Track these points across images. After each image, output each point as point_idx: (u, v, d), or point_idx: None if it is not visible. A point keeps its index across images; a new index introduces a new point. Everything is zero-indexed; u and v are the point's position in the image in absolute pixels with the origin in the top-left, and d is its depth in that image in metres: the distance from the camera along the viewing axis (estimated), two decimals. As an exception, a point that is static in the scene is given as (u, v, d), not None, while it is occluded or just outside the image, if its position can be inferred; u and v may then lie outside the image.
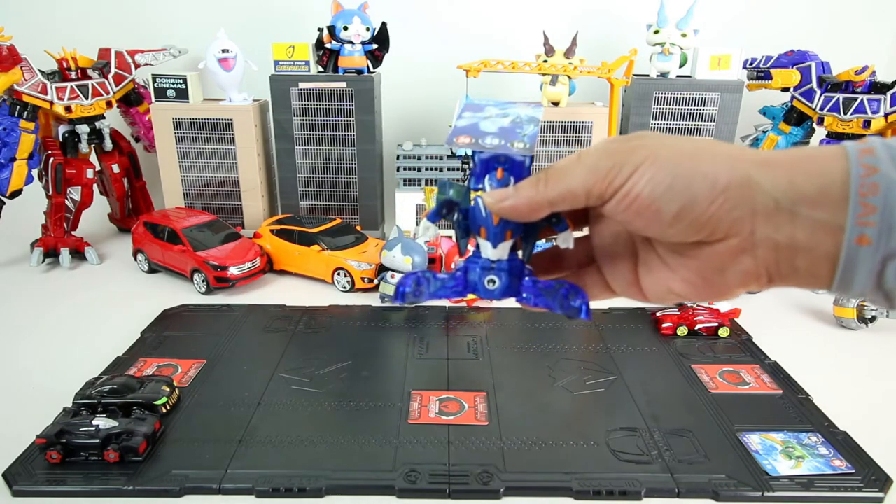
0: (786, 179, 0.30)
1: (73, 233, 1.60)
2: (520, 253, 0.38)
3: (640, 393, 0.99)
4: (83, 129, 1.57)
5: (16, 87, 1.45)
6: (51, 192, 1.55)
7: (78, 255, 1.56)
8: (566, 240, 0.38)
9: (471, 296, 0.39)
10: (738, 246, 0.32)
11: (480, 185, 0.37)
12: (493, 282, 0.38)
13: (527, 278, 0.38)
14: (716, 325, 1.18)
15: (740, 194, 0.31)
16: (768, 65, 1.56)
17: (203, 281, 1.36)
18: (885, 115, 1.39)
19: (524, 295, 0.38)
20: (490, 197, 0.35)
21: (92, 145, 1.62)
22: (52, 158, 1.53)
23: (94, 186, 1.63)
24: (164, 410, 0.92)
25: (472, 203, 0.38)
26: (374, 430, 0.90)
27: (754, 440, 0.88)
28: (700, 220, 0.31)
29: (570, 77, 1.56)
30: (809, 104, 1.49)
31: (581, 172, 0.33)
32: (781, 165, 0.31)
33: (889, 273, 0.29)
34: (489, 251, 0.38)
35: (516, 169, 0.36)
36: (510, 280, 0.38)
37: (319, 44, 1.57)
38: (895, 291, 0.29)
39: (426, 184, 1.63)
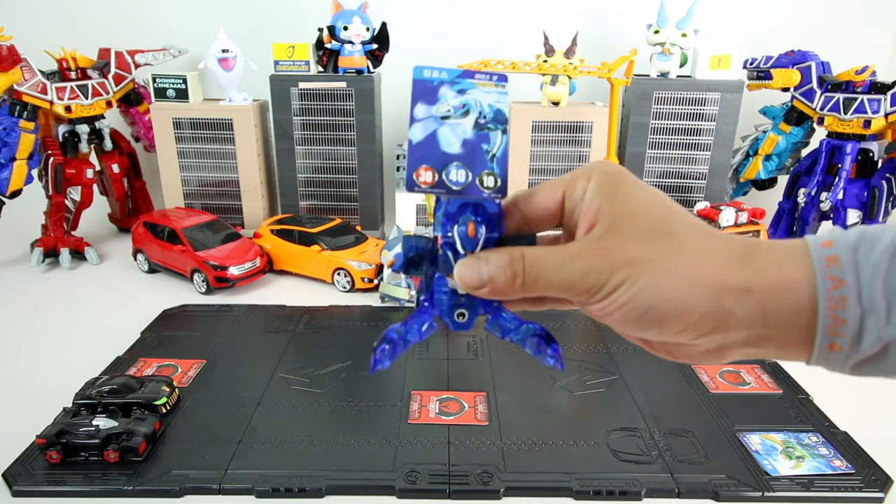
0: (760, 308, 0.31)
1: (73, 233, 1.60)
2: None
3: (640, 393, 0.99)
4: (83, 129, 1.57)
5: (16, 87, 1.45)
6: (51, 192, 1.55)
7: (78, 255, 1.56)
8: None
9: None
10: (707, 349, 0.33)
11: (449, 234, 0.35)
12: (463, 315, 0.37)
13: (495, 304, 0.37)
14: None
15: (713, 324, 0.32)
16: (768, 65, 1.56)
17: (203, 281, 1.36)
18: (886, 115, 1.39)
19: (495, 325, 0.37)
20: (461, 280, 0.35)
21: (92, 145, 1.62)
22: (52, 158, 1.53)
23: (94, 186, 1.63)
24: (164, 410, 0.92)
25: (441, 252, 0.35)
26: (374, 430, 0.90)
27: (754, 440, 0.88)
28: (670, 339, 0.33)
29: (570, 77, 1.56)
30: (810, 104, 1.49)
31: (561, 280, 0.33)
32: (757, 293, 0.31)
33: (862, 370, 0.31)
34: (459, 288, 0.36)
35: (487, 218, 0.34)
36: (478, 309, 0.37)
37: (319, 44, 1.57)
38: (871, 375, 0.32)
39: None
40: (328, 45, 1.56)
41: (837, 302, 0.30)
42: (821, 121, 1.49)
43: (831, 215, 1.50)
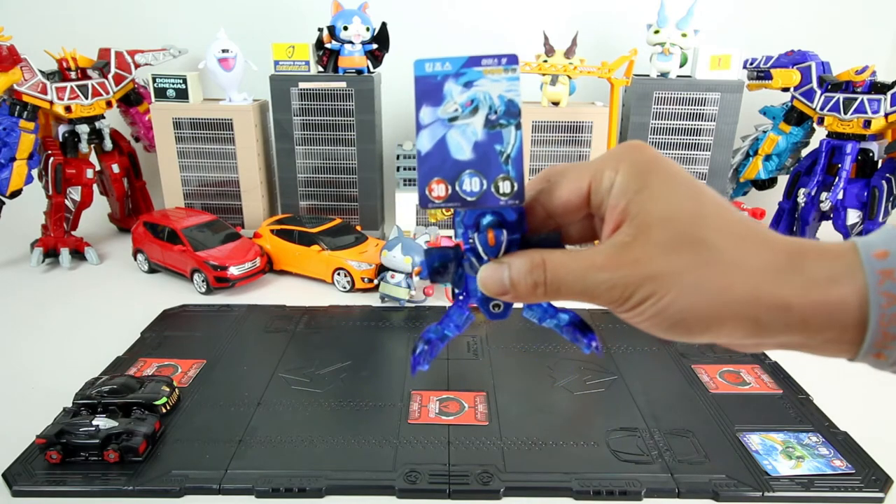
0: (801, 323, 0.29)
1: (73, 233, 1.60)
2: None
3: (640, 393, 0.99)
4: (83, 129, 1.57)
5: (16, 87, 1.45)
6: (51, 192, 1.55)
7: (78, 255, 1.56)
8: None
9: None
10: (740, 344, 0.32)
11: (471, 240, 0.34)
12: (499, 306, 0.36)
13: None
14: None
15: (745, 333, 0.30)
16: (768, 65, 1.56)
17: (203, 281, 1.36)
18: (886, 115, 1.39)
19: (532, 312, 0.37)
20: (484, 287, 0.34)
21: (92, 145, 1.62)
22: (52, 158, 1.53)
23: (94, 186, 1.63)
24: (164, 410, 0.92)
25: (465, 257, 0.35)
26: (374, 430, 0.90)
27: (754, 440, 0.88)
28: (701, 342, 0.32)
29: (570, 77, 1.56)
30: (810, 104, 1.49)
31: (584, 290, 0.32)
32: (799, 309, 0.29)
33: None
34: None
35: (507, 222, 0.33)
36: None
37: (319, 44, 1.57)
38: None
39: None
40: (328, 45, 1.55)
41: (890, 319, 0.28)
42: (821, 121, 1.49)
43: (831, 215, 1.50)
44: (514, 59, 0.31)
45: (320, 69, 1.59)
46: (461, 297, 0.36)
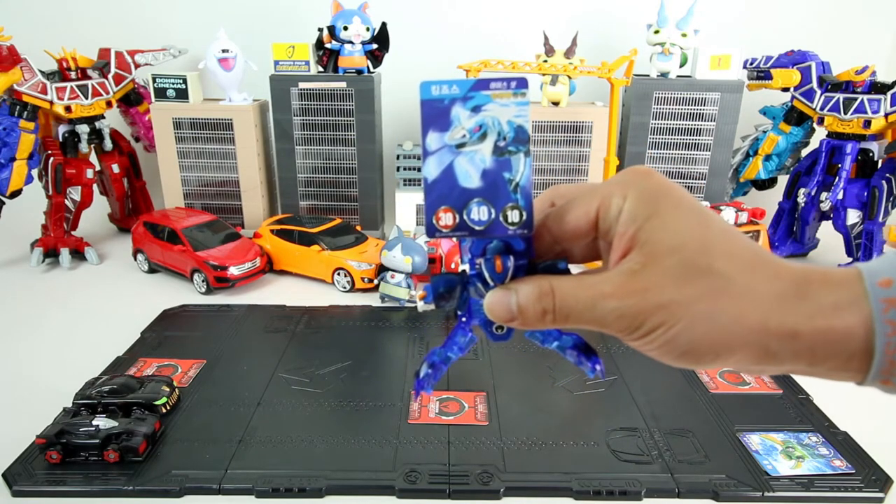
0: (808, 351, 0.29)
1: (73, 233, 1.60)
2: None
3: (640, 393, 0.99)
4: (83, 129, 1.57)
5: (16, 87, 1.45)
6: (51, 192, 1.55)
7: (78, 255, 1.56)
8: None
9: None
10: (747, 370, 0.32)
11: (477, 265, 0.34)
12: (501, 328, 0.36)
13: None
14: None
15: (753, 360, 0.30)
16: (768, 65, 1.56)
17: (203, 281, 1.36)
18: (886, 115, 1.39)
19: (534, 333, 0.37)
20: (491, 314, 0.34)
21: (92, 145, 1.62)
22: (52, 158, 1.53)
23: (94, 186, 1.63)
24: (164, 410, 0.92)
25: (470, 282, 0.35)
26: (374, 430, 0.90)
27: (754, 440, 0.88)
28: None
29: (570, 77, 1.56)
30: (810, 104, 1.49)
31: (593, 319, 0.32)
32: (806, 337, 0.29)
33: None
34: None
35: (514, 252, 0.33)
36: None
37: (319, 44, 1.57)
38: None
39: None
40: (328, 45, 1.56)
41: None
42: (821, 121, 1.49)
43: (831, 215, 1.50)
44: (524, 83, 0.31)
45: (320, 69, 1.59)
46: (464, 319, 0.36)
